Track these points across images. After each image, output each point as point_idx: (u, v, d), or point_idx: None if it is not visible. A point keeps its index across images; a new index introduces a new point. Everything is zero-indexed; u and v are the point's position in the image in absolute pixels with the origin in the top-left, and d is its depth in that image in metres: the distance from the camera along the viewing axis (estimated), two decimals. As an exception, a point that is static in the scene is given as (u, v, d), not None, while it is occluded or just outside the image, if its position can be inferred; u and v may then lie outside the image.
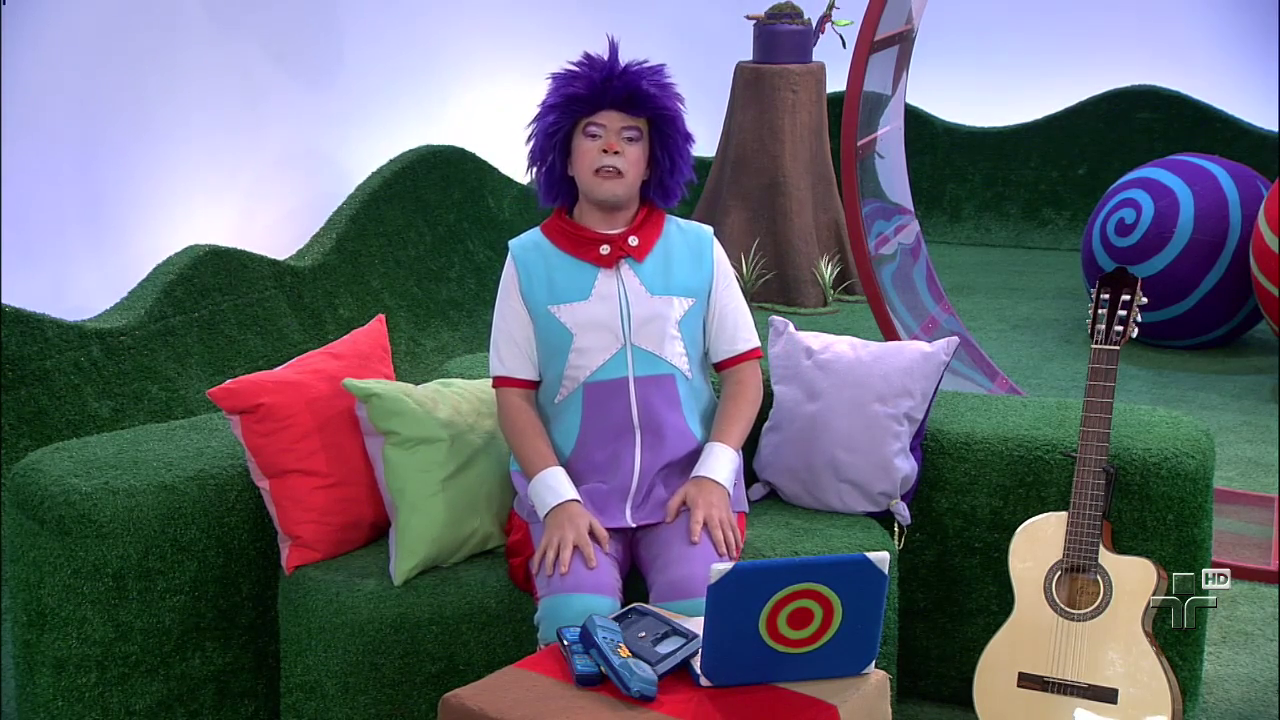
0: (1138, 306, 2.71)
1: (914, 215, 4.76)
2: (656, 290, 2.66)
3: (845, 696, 2.15)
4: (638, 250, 2.67)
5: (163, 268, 4.74)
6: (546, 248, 2.69)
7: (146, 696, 2.67)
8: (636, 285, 2.65)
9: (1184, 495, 2.79)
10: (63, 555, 2.59)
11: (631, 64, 2.61)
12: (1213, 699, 3.11)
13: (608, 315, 2.63)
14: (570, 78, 2.62)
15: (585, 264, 2.65)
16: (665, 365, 2.65)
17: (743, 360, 2.76)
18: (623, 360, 2.63)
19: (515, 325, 2.68)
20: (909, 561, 2.99)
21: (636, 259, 2.66)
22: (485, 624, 2.62)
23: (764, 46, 7.05)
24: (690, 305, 2.68)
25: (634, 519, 2.62)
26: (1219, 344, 6.05)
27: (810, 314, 6.74)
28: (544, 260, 2.67)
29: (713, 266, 2.72)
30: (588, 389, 2.63)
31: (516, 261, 2.69)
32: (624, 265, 2.66)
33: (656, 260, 2.68)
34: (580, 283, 2.65)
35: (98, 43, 4.62)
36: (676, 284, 2.68)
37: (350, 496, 2.76)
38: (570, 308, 2.63)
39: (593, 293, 2.64)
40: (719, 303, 2.72)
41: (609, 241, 2.66)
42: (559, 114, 2.62)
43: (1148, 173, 6.16)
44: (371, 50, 6.11)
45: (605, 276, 2.65)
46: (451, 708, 2.16)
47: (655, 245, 2.69)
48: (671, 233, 2.72)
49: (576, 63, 2.64)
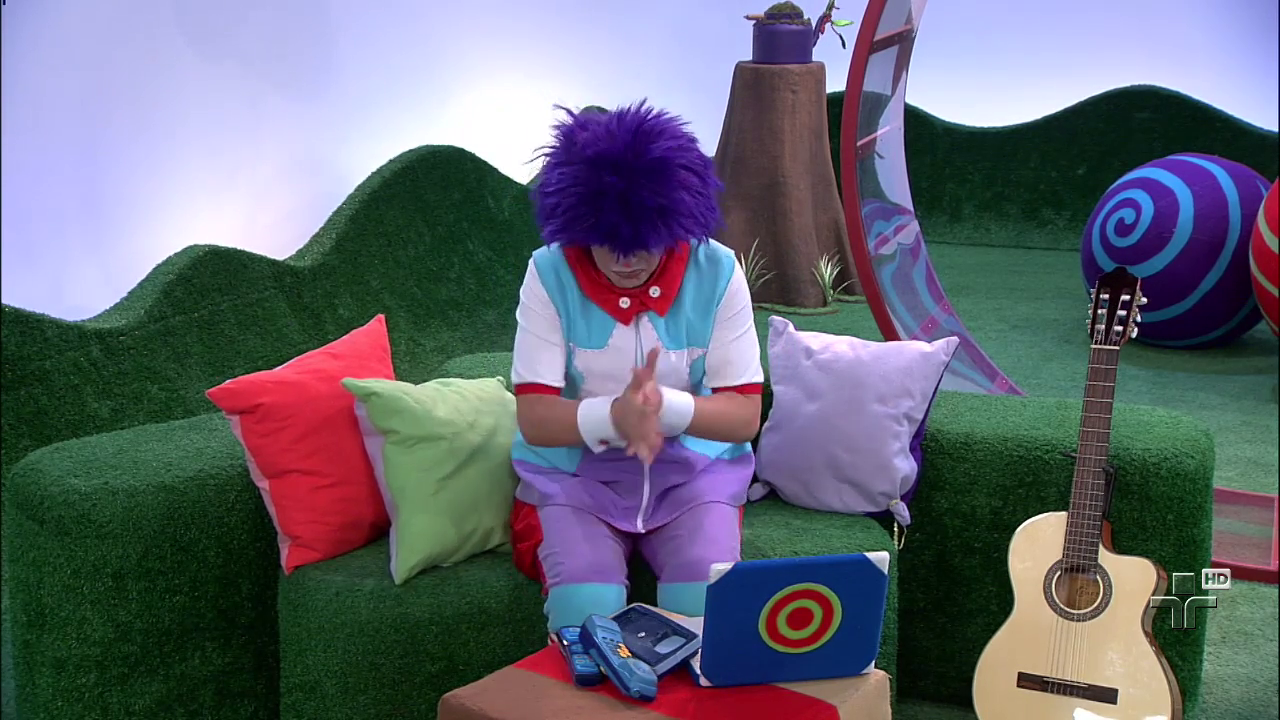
0: (1137, 306, 2.71)
1: (914, 215, 4.76)
2: (673, 345, 2.59)
3: (845, 696, 2.15)
4: (659, 303, 2.58)
5: (162, 268, 4.74)
6: (568, 278, 2.59)
7: (146, 696, 2.67)
8: (653, 339, 2.58)
9: (1184, 495, 2.79)
10: (62, 555, 2.59)
11: (645, 229, 2.39)
12: (1212, 699, 3.11)
13: (622, 369, 2.57)
14: (567, 213, 2.41)
15: (604, 312, 2.58)
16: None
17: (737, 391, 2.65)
18: None
19: (547, 330, 2.59)
20: (909, 561, 2.99)
21: (658, 312, 2.58)
22: (485, 624, 2.62)
23: (764, 47, 7.05)
24: (699, 352, 2.63)
25: (644, 526, 2.66)
26: (1218, 344, 6.05)
27: (810, 314, 6.74)
28: (564, 291, 2.59)
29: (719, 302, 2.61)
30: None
31: (542, 275, 2.59)
32: (643, 318, 2.59)
33: (676, 309, 2.59)
34: (597, 331, 2.58)
35: (98, 42, 4.62)
36: (695, 335, 2.61)
37: (350, 496, 2.76)
38: (584, 353, 2.58)
39: (609, 344, 2.58)
40: (718, 340, 2.63)
41: (629, 294, 2.57)
42: (553, 233, 2.46)
43: (1147, 173, 6.16)
44: (371, 50, 6.11)
45: (623, 329, 2.58)
46: (451, 708, 2.16)
47: (676, 293, 2.59)
48: (691, 272, 2.60)
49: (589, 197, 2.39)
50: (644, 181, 2.36)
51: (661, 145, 2.39)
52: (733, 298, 2.62)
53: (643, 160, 2.37)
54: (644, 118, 2.42)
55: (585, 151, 2.38)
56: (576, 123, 2.45)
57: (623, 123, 2.40)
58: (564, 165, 2.41)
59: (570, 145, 2.42)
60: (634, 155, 2.37)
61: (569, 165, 2.41)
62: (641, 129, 2.39)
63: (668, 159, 2.38)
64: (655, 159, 2.37)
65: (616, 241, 2.39)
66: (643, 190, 2.36)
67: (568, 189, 2.39)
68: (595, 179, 2.37)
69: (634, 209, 2.36)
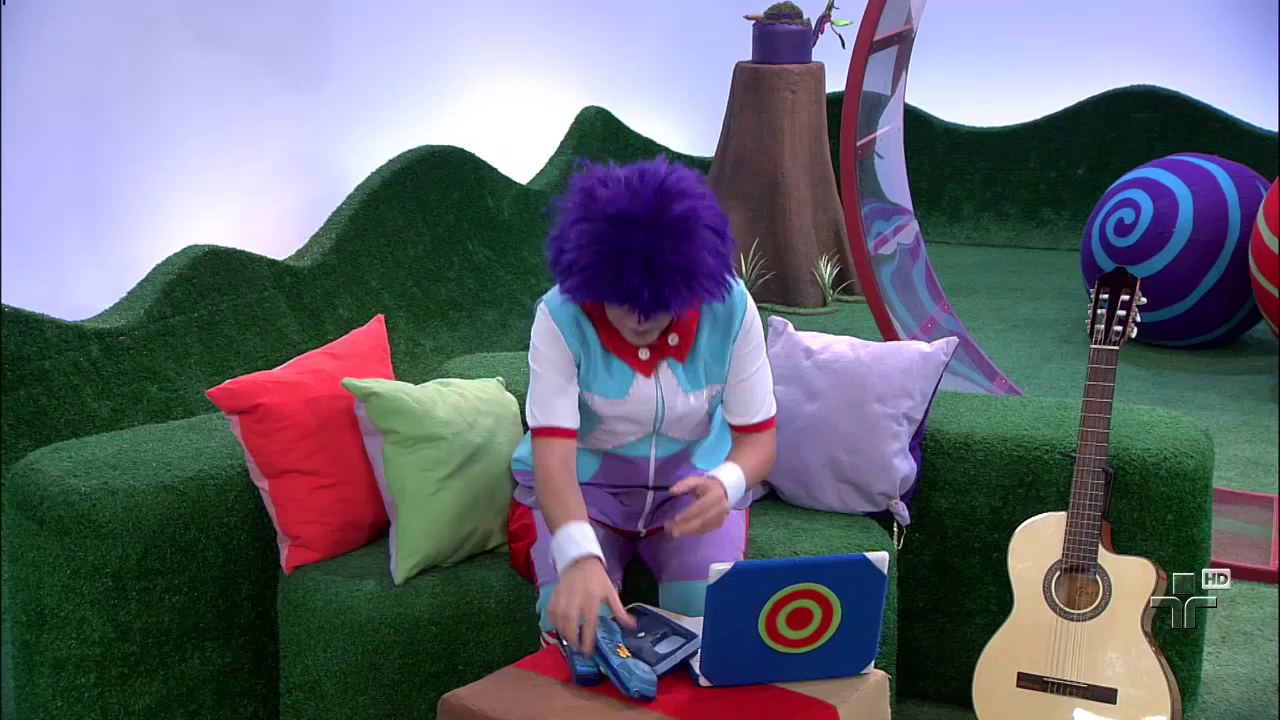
0: (1137, 306, 2.71)
1: (913, 215, 4.76)
2: (692, 387, 2.55)
3: (845, 696, 2.15)
4: (678, 350, 2.53)
5: (162, 268, 4.74)
6: (585, 327, 2.52)
7: (146, 696, 2.67)
8: (673, 385, 2.54)
9: (1183, 495, 2.79)
10: (62, 555, 2.59)
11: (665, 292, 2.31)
12: (1212, 699, 3.11)
13: (642, 414, 2.54)
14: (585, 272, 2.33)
15: (624, 364, 2.53)
16: (688, 443, 2.63)
17: (758, 430, 2.62)
18: (648, 443, 2.59)
19: (562, 375, 2.51)
20: (908, 561, 2.99)
21: (677, 359, 2.54)
22: (485, 624, 2.62)
23: (763, 47, 7.05)
24: (717, 389, 2.59)
25: (645, 527, 2.66)
26: (1218, 344, 6.05)
27: (809, 314, 6.74)
28: (581, 338, 2.52)
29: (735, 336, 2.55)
30: (608, 455, 2.62)
31: (559, 321, 2.50)
32: (663, 365, 2.54)
33: (695, 353, 2.55)
34: (617, 381, 2.52)
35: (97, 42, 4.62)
36: (712, 373, 2.57)
37: (350, 496, 2.76)
38: (605, 401, 2.53)
39: (629, 394, 2.53)
40: (736, 375, 2.58)
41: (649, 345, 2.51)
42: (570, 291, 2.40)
43: (1147, 173, 6.16)
44: (371, 50, 6.11)
45: (643, 379, 2.53)
46: (451, 708, 2.16)
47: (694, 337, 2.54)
48: (706, 313, 2.54)
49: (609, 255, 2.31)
50: (667, 242, 2.30)
51: (684, 204, 2.31)
52: (748, 332, 2.56)
53: (665, 219, 2.30)
54: (665, 176, 2.34)
55: (607, 210, 2.30)
56: (596, 179, 2.37)
57: (645, 181, 2.33)
58: (584, 222, 2.33)
59: (590, 202, 2.34)
60: (657, 215, 2.30)
61: (589, 222, 2.32)
62: (663, 188, 2.32)
63: (690, 219, 2.31)
64: (678, 218, 2.30)
65: (637, 303, 2.32)
66: (665, 251, 2.29)
67: (588, 247, 2.31)
68: (617, 238, 2.29)
69: (656, 270, 2.29)
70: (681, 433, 2.60)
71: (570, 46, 7.60)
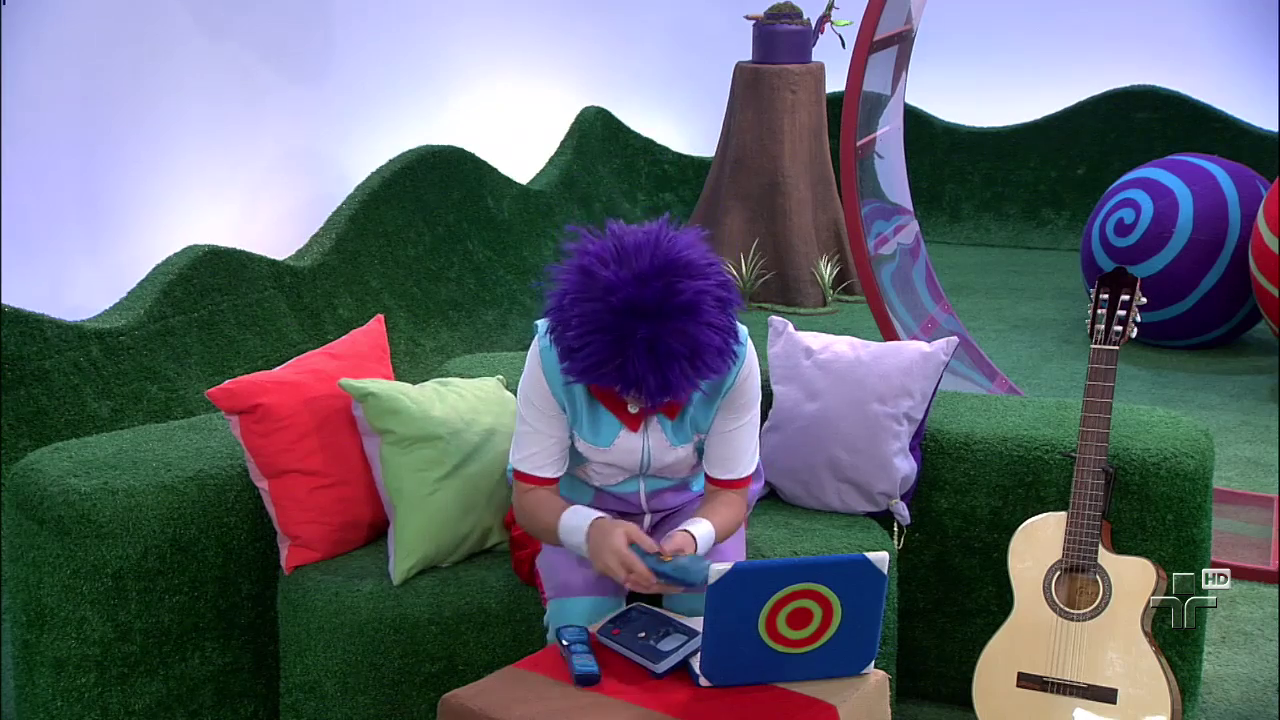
0: (1137, 306, 2.71)
1: (913, 215, 4.76)
2: (680, 441, 2.50)
3: (845, 696, 2.15)
4: (669, 407, 2.43)
5: (162, 268, 4.74)
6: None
7: (146, 696, 2.67)
8: (661, 440, 2.49)
9: (1183, 495, 2.79)
10: (62, 555, 2.59)
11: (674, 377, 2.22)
12: (1212, 699, 3.11)
13: (627, 462, 2.51)
14: (589, 358, 2.23)
15: (612, 415, 2.48)
16: (674, 480, 2.60)
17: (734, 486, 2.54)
18: (636, 483, 2.57)
19: (547, 425, 2.46)
20: (908, 561, 2.99)
21: (667, 416, 2.46)
22: (484, 624, 2.62)
23: (763, 46, 7.05)
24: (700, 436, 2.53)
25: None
26: (1218, 344, 6.05)
27: (810, 314, 6.74)
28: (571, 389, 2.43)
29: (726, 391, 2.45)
30: (599, 493, 2.60)
31: (546, 369, 2.42)
32: (652, 421, 2.46)
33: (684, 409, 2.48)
34: (604, 432, 2.47)
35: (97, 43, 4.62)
36: (699, 424, 2.50)
37: (349, 496, 2.76)
38: (590, 447, 2.49)
39: (615, 445, 2.48)
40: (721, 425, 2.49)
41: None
42: (574, 373, 2.29)
43: (1147, 173, 6.16)
44: (370, 49, 6.11)
45: (629, 433, 2.47)
46: (451, 708, 2.16)
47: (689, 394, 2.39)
48: (689, 401, 2.46)
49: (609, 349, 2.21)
50: (673, 325, 2.19)
51: (691, 286, 2.20)
52: (744, 384, 2.45)
53: (671, 305, 2.19)
54: (671, 254, 2.22)
55: (610, 299, 2.19)
56: (595, 257, 2.24)
57: (651, 260, 2.21)
58: (585, 303, 2.22)
59: (591, 282, 2.22)
60: (661, 302, 2.19)
61: (590, 303, 2.21)
62: (668, 268, 2.21)
63: (698, 302, 2.21)
64: (685, 302, 2.20)
65: (644, 390, 2.23)
66: (670, 339, 2.19)
67: (592, 335, 2.21)
68: (622, 326, 2.19)
69: (661, 357, 2.19)
70: (670, 474, 2.57)
71: (570, 46, 7.60)
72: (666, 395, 2.24)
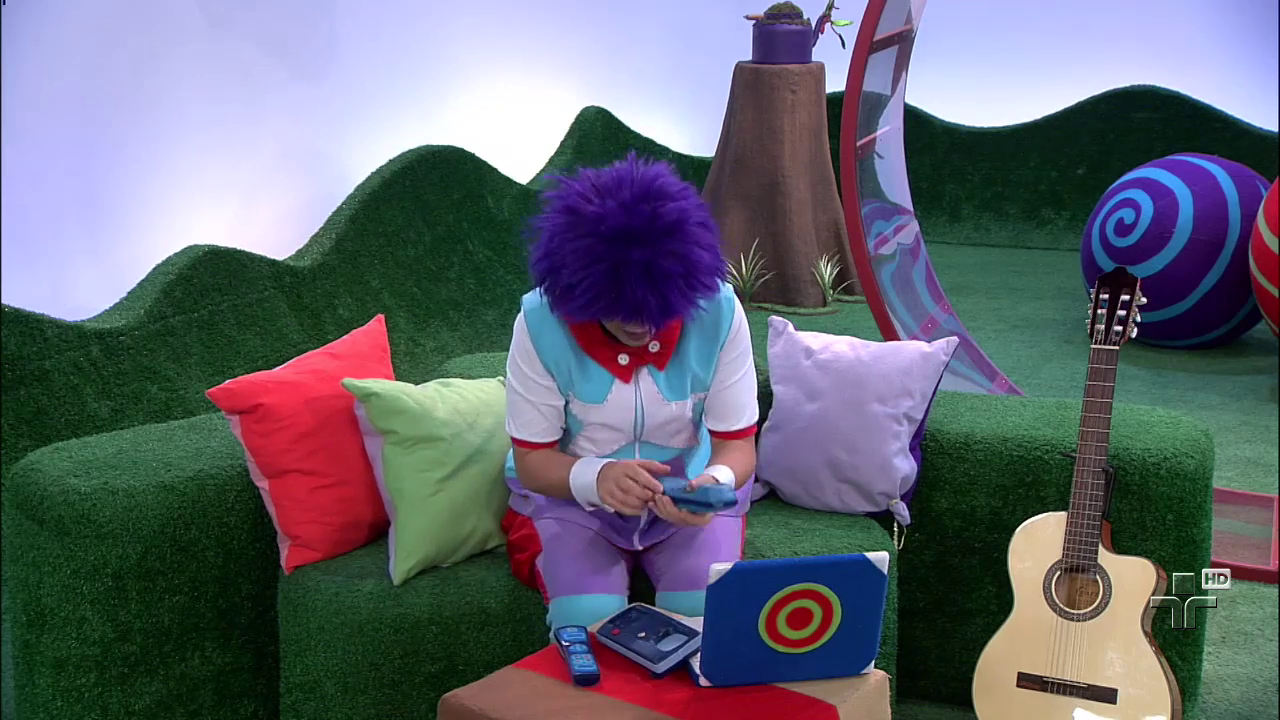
0: (1137, 306, 2.71)
1: (913, 215, 4.76)
2: (674, 396, 2.54)
3: (845, 696, 2.15)
4: (659, 357, 2.52)
5: (162, 268, 4.74)
6: (563, 336, 2.51)
7: (146, 696, 2.67)
8: (653, 392, 2.53)
9: (1183, 495, 2.79)
10: (62, 555, 2.59)
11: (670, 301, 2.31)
12: (1212, 699, 3.11)
13: (621, 420, 2.54)
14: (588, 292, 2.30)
15: (602, 368, 2.51)
16: (673, 451, 2.63)
17: (739, 436, 2.61)
18: (630, 451, 2.59)
19: (538, 394, 2.52)
20: (908, 561, 2.99)
21: (657, 367, 2.53)
22: (484, 624, 2.62)
23: (763, 46, 7.05)
24: (703, 396, 2.59)
25: (641, 544, 2.64)
26: (1218, 344, 6.05)
27: (809, 314, 6.74)
28: (558, 349, 2.51)
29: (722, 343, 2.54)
30: None
31: (531, 330, 2.51)
32: (643, 372, 2.52)
33: (676, 361, 2.54)
34: (596, 386, 2.52)
35: (97, 42, 4.62)
36: (695, 382, 2.56)
37: (349, 496, 2.76)
38: (583, 405, 2.53)
39: (608, 399, 2.52)
40: (720, 382, 2.57)
41: (628, 349, 2.50)
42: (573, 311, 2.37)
43: (1147, 173, 6.16)
44: (370, 49, 6.11)
45: (622, 385, 2.52)
46: (451, 708, 2.16)
47: (676, 346, 2.52)
48: (692, 322, 2.53)
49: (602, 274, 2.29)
50: (665, 248, 2.28)
51: (673, 206, 2.30)
52: (735, 337, 2.55)
53: (659, 226, 2.28)
54: (649, 180, 2.32)
55: (600, 228, 2.28)
56: (578, 193, 2.34)
57: (632, 189, 2.31)
58: (577, 239, 2.30)
59: (579, 220, 2.31)
60: (650, 224, 2.28)
61: (581, 239, 2.30)
62: (650, 193, 2.31)
63: (682, 220, 2.30)
64: (671, 223, 2.29)
65: (646, 315, 2.30)
66: (665, 260, 2.28)
67: (588, 267, 2.28)
68: (616, 254, 2.27)
69: (658, 279, 2.28)
70: (664, 439, 2.59)
71: (571, 46, 7.60)
72: (667, 316, 2.32)
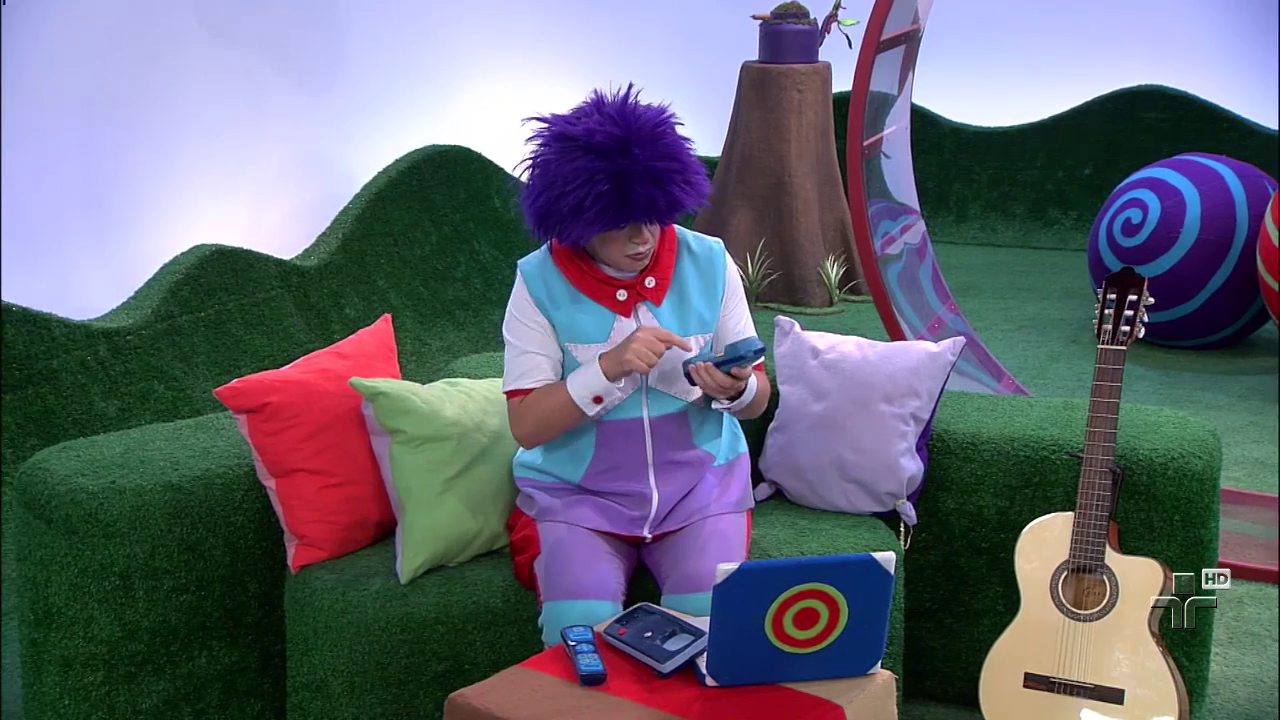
0: (1144, 306, 2.71)
1: (920, 215, 4.76)
2: (681, 332, 2.58)
3: (851, 697, 2.15)
4: (655, 293, 2.59)
5: (169, 267, 4.75)
6: (559, 280, 2.59)
7: (153, 695, 2.67)
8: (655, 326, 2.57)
9: (1191, 496, 2.79)
10: (69, 554, 2.59)
11: (662, 183, 2.43)
12: (1219, 700, 3.10)
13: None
14: (597, 204, 2.41)
15: (602, 307, 2.58)
16: (680, 403, 2.63)
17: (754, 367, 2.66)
18: (637, 402, 2.60)
19: (535, 342, 2.59)
20: (915, 561, 2.99)
21: (654, 302, 2.59)
22: (491, 623, 2.62)
23: (770, 46, 7.05)
24: (706, 339, 2.63)
25: (651, 532, 2.64)
26: (1226, 344, 6.04)
27: (816, 314, 6.74)
28: (557, 293, 2.58)
29: (723, 291, 2.65)
30: (601, 426, 2.61)
31: (529, 285, 2.59)
32: (641, 308, 2.59)
33: (673, 299, 2.60)
34: (598, 325, 2.57)
35: (100, 42, 4.63)
36: (693, 322, 2.61)
37: (356, 495, 2.76)
38: (587, 349, 2.57)
39: (610, 338, 2.56)
40: (724, 324, 2.66)
41: (625, 286, 2.58)
42: (582, 229, 2.46)
43: (1154, 173, 6.15)
44: (376, 49, 6.11)
45: (624, 320, 2.57)
46: (457, 707, 2.16)
47: (671, 282, 2.61)
48: (685, 259, 2.63)
49: (597, 177, 2.41)
50: (657, 150, 2.44)
51: (652, 114, 2.48)
52: (733, 282, 2.69)
53: (646, 131, 2.44)
54: (622, 98, 2.50)
55: (593, 141, 2.42)
56: (564, 121, 2.49)
57: (611, 105, 2.49)
58: (573, 160, 2.43)
59: (569, 143, 2.45)
60: (638, 129, 2.44)
61: (576, 160, 2.42)
62: (627, 106, 2.48)
63: (664, 124, 2.47)
64: (655, 126, 2.46)
65: (654, 212, 2.44)
66: (658, 160, 2.43)
67: (593, 179, 2.41)
68: (615, 161, 2.41)
69: (660, 175, 2.43)
70: (668, 387, 2.60)
71: (576, 45, 7.60)
72: (675, 210, 2.46)
